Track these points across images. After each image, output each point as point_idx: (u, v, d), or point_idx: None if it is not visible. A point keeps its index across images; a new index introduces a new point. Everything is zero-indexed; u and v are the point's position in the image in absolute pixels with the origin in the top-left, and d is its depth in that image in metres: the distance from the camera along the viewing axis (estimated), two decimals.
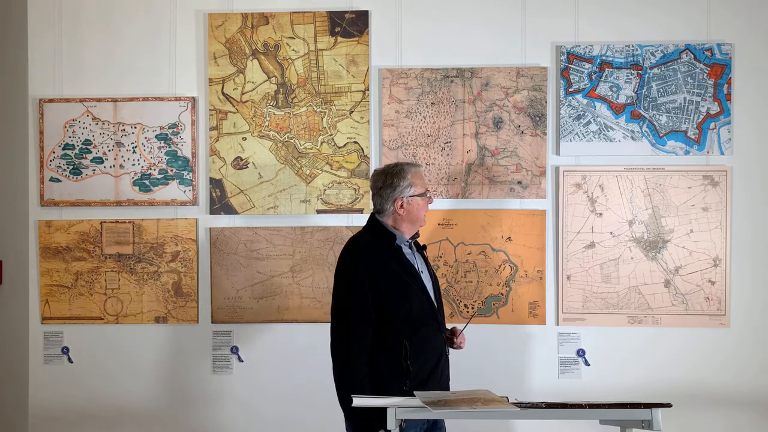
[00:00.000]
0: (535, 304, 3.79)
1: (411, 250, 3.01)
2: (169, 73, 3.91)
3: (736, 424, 3.78)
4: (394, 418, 2.47)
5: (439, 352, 2.93)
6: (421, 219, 2.99)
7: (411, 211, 2.95)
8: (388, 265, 2.89)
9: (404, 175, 2.94)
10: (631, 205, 3.79)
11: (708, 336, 3.78)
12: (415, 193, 2.94)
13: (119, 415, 3.88)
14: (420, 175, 3.00)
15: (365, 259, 2.87)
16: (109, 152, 3.89)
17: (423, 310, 2.90)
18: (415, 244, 3.06)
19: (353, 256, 2.90)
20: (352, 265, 2.88)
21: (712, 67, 3.78)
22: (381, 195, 2.96)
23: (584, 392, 3.77)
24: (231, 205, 3.86)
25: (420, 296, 2.91)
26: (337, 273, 2.94)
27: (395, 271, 2.88)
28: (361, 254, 2.89)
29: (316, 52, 3.86)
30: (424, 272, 3.00)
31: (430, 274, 3.06)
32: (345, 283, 2.88)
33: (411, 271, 2.92)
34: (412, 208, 2.94)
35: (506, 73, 3.82)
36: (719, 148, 3.77)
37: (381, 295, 2.84)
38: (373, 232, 2.98)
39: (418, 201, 2.95)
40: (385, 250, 2.92)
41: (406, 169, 2.96)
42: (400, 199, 2.93)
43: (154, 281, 3.87)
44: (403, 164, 3.00)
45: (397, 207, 2.94)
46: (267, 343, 3.87)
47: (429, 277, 3.03)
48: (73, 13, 3.92)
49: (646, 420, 2.47)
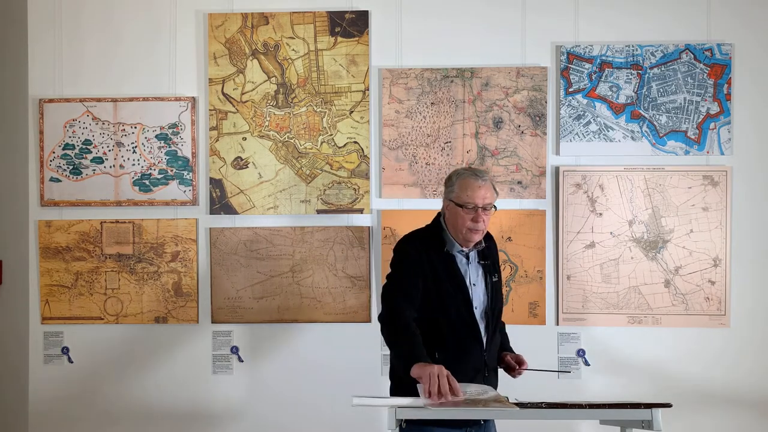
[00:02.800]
0: (535, 304, 3.79)
1: (468, 260, 2.91)
2: (169, 73, 3.91)
3: (737, 424, 3.78)
4: (394, 418, 2.47)
5: (475, 369, 2.84)
6: (459, 229, 2.84)
7: (451, 216, 2.87)
8: (436, 267, 2.85)
9: (455, 178, 2.88)
10: (631, 205, 3.79)
11: (708, 336, 3.78)
12: (454, 199, 2.84)
13: (119, 415, 3.88)
14: (468, 185, 2.83)
15: (421, 252, 2.84)
16: (109, 152, 3.89)
17: (459, 324, 2.83)
18: (480, 254, 2.94)
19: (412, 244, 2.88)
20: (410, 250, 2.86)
21: (712, 67, 3.78)
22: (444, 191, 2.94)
23: (584, 392, 3.77)
24: (231, 205, 3.86)
25: (460, 309, 2.83)
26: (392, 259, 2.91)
27: (439, 276, 2.84)
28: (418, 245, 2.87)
29: (316, 52, 3.86)
30: (477, 285, 2.90)
31: (490, 290, 2.93)
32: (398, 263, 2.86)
33: (457, 281, 2.85)
34: (451, 214, 2.86)
35: (506, 73, 3.82)
36: (719, 148, 3.77)
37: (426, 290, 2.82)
38: (428, 231, 2.94)
39: (455, 209, 2.84)
40: (435, 252, 2.87)
41: (461, 173, 2.89)
42: (446, 200, 2.90)
43: (154, 281, 3.87)
44: (465, 168, 2.95)
45: (445, 207, 2.91)
46: (267, 344, 3.87)
47: (484, 293, 2.91)
48: (73, 13, 3.92)
49: (646, 420, 2.47)
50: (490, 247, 3.02)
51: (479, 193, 2.83)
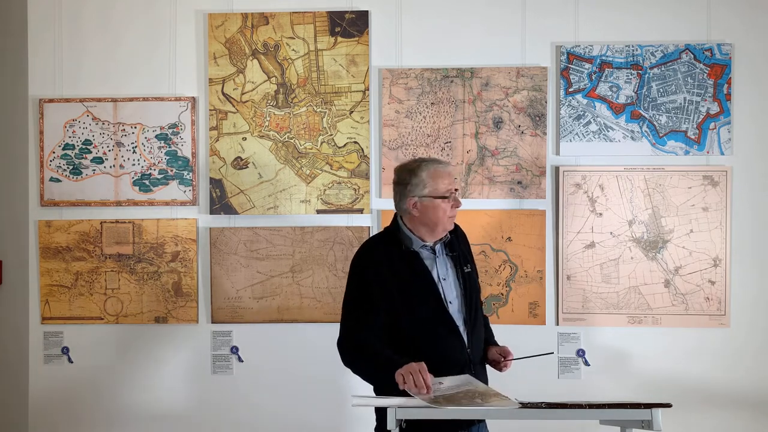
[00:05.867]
0: (535, 304, 3.79)
1: (435, 254, 2.79)
2: (169, 73, 3.91)
3: (737, 424, 3.78)
4: (394, 418, 2.47)
5: (461, 366, 2.75)
6: (440, 223, 2.73)
7: (425, 212, 2.72)
8: (397, 272, 2.72)
9: (417, 172, 2.72)
10: (631, 205, 3.79)
11: (708, 336, 3.78)
12: (429, 194, 2.71)
13: (119, 415, 3.88)
14: (440, 174, 2.73)
15: (370, 269, 2.73)
16: (109, 152, 3.90)
17: (434, 322, 2.72)
18: (447, 246, 2.83)
19: (361, 262, 2.80)
20: (358, 274, 2.78)
21: (712, 67, 3.78)
22: (396, 192, 2.79)
23: (584, 392, 3.77)
24: (231, 205, 3.86)
25: (432, 305, 2.73)
26: (348, 280, 2.83)
27: (404, 277, 2.72)
28: (370, 259, 2.77)
29: (316, 52, 3.86)
30: (448, 279, 2.79)
31: (461, 280, 2.82)
32: (351, 292, 2.80)
33: (424, 279, 2.74)
34: (427, 210, 2.72)
35: (506, 73, 3.82)
36: (719, 148, 3.77)
37: (389, 303, 2.72)
38: (389, 233, 2.82)
39: (434, 202, 2.71)
40: (396, 256, 2.74)
41: (423, 165, 2.74)
42: (412, 198, 2.73)
43: (154, 281, 3.87)
44: (422, 160, 2.79)
45: (410, 207, 2.74)
46: (267, 344, 3.87)
47: (456, 286, 2.81)
48: (73, 13, 3.92)
49: (646, 420, 2.47)
50: (456, 237, 2.88)
51: (450, 178, 2.76)
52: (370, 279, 2.73)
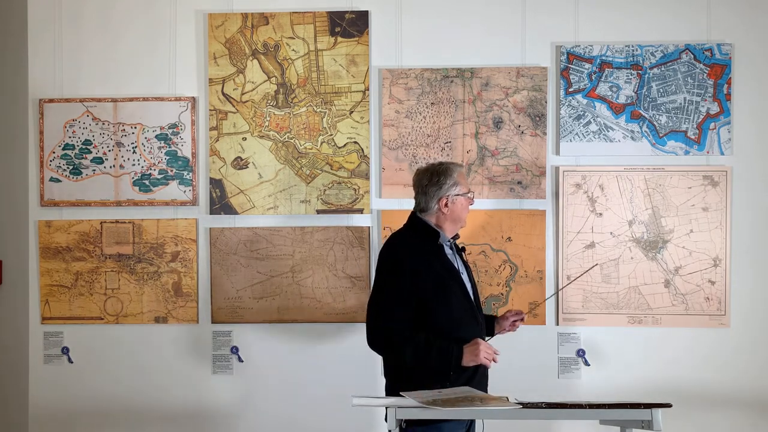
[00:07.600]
0: (535, 305, 3.79)
1: (452, 251, 3.03)
2: (169, 73, 3.91)
3: (737, 424, 3.78)
4: (394, 418, 2.47)
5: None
6: (463, 219, 3.03)
7: (455, 210, 2.98)
8: (431, 264, 2.90)
9: (450, 174, 2.98)
10: (631, 205, 3.79)
11: (708, 336, 3.78)
12: (459, 192, 2.98)
13: (119, 415, 3.88)
14: (463, 175, 3.06)
15: (409, 258, 2.89)
16: (109, 152, 3.90)
17: (463, 312, 2.93)
18: (454, 245, 3.08)
19: (396, 254, 2.92)
20: (396, 263, 2.89)
21: (712, 67, 3.78)
22: (426, 193, 2.99)
23: (584, 392, 3.77)
24: (231, 205, 3.86)
25: (460, 297, 2.93)
26: (378, 270, 2.95)
27: (437, 270, 2.91)
28: (405, 252, 2.91)
29: (316, 52, 3.86)
30: (463, 273, 3.02)
31: (469, 277, 3.07)
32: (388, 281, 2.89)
33: (452, 272, 2.95)
34: (456, 207, 2.98)
35: (506, 73, 3.82)
36: (719, 148, 3.77)
37: (423, 295, 2.86)
38: (415, 230, 3.00)
39: (461, 200, 2.99)
40: (428, 248, 2.93)
41: (452, 167, 3.00)
42: (445, 197, 2.97)
43: (154, 281, 3.87)
44: (448, 163, 3.04)
45: (441, 206, 2.97)
46: (267, 344, 3.87)
47: (468, 279, 3.05)
48: (73, 13, 3.92)
49: (646, 420, 2.48)
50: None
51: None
52: (407, 269, 2.87)
